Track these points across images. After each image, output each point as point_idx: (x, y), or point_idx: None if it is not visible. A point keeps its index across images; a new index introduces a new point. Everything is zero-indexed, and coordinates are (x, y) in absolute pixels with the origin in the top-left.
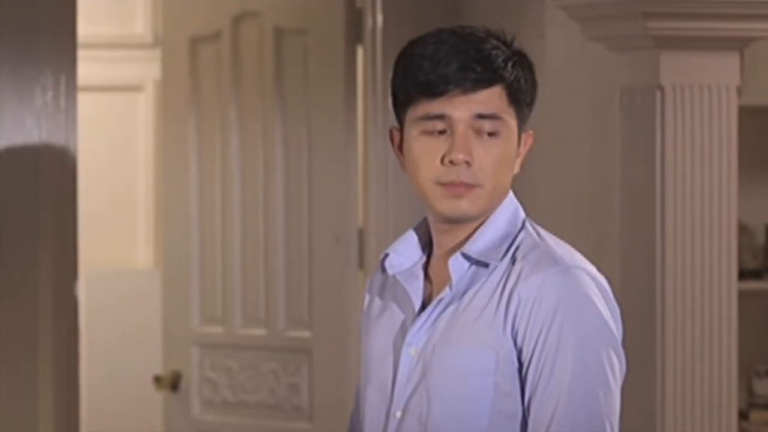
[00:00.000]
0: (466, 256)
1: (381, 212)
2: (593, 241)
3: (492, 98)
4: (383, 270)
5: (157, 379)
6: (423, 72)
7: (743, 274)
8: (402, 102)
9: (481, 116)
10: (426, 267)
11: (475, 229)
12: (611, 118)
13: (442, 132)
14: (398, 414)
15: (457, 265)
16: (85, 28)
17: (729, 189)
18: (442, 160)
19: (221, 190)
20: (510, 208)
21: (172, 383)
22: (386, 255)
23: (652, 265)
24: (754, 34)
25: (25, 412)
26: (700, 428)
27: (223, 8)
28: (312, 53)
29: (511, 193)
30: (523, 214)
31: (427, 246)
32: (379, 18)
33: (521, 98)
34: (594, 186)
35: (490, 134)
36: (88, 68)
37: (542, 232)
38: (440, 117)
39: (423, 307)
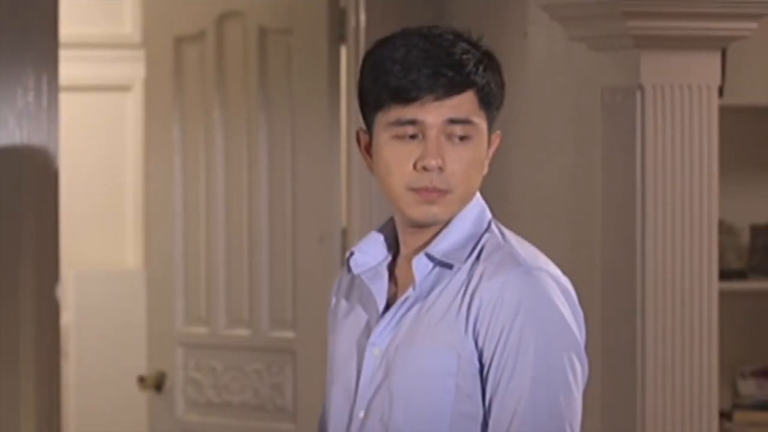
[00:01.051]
0: (429, 257)
1: (365, 212)
2: (574, 241)
3: (464, 103)
4: (349, 269)
5: (142, 380)
6: (394, 77)
7: (728, 275)
8: (371, 106)
9: (452, 121)
10: (392, 267)
11: (440, 230)
12: (593, 117)
13: (413, 137)
14: (361, 414)
15: (420, 266)
16: (73, 27)
17: (710, 189)
18: (414, 166)
19: (205, 190)
20: (476, 209)
21: (156, 383)
22: (352, 253)
23: (633, 264)
24: (735, 33)
25: (6, 415)
26: (681, 429)
27: (207, 8)
28: (296, 53)
29: (477, 194)
30: (489, 215)
31: (393, 245)
32: (363, 17)
33: (492, 101)
34: (575, 185)
35: (462, 138)
36: (76, 68)
37: (507, 233)
38: (412, 122)
39: (388, 307)
